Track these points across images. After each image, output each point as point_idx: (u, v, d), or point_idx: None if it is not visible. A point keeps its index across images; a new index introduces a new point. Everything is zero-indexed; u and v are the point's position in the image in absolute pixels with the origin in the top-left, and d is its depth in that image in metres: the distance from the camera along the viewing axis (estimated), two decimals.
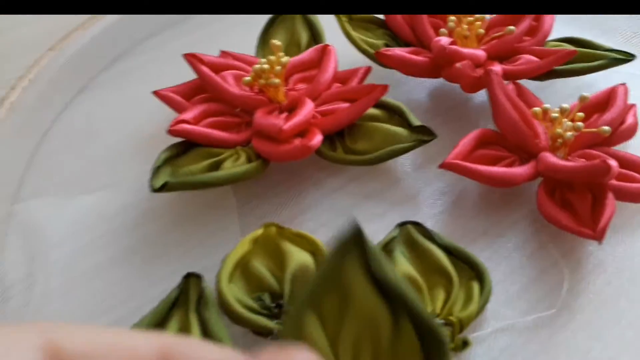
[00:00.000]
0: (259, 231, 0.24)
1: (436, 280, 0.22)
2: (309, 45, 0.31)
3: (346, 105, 0.28)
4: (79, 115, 0.32)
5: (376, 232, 0.26)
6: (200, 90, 0.29)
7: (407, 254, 0.24)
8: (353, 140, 0.27)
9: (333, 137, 0.27)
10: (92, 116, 0.32)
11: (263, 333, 0.21)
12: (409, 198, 0.27)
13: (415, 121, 0.27)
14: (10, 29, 0.38)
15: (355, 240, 0.16)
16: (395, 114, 0.28)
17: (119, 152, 0.30)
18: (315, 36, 0.31)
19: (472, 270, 0.23)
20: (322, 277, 0.16)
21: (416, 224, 0.24)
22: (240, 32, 0.36)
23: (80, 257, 0.26)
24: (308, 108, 0.27)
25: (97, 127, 0.31)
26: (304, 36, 0.31)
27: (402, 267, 0.23)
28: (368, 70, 0.30)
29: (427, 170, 0.28)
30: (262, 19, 0.35)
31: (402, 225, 0.24)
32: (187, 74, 0.33)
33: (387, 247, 0.24)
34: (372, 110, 0.28)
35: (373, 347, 0.15)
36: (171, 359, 0.14)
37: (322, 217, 0.27)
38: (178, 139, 0.27)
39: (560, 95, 0.32)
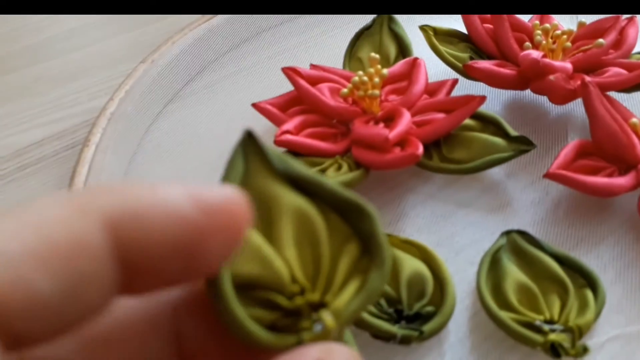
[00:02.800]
0: None
1: (549, 287, 0.23)
2: (397, 59, 0.32)
3: (441, 115, 0.28)
4: (171, 125, 0.33)
5: (473, 240, 0.26)
6: (296, 102, 0.30)
7: (515, 261, 0.24)
8: (449, 149, 0.28)
9: (429, 146, 0.28)
10: (183, 126, 0.33)
11: (383, 337, 0.22)
12: (503, 206, 0.28)
13: (512, 131, 0.27)
14: (95, 42, 0.40)
15: (249, 145, 0.14)
16: (490, 124, 0.28)
17: (214, 161, 0.31)
18: (403, 49, 0.32)
19: (584, 278, 0.23)
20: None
21: (522, 232, 0.25)
22: (321, 45, 0.37)
23: None
24: (407, 118, 0.27)
25: (189, 137, 0.32)
26: (392, 50, 0.32)
27: (513, 274, 0.23)
28: (455, 82, 0.31)
29: (520, 178, 0.29)
30: (342, 33, 0.36)
31: (507, 233, 0.25)
32: (272, 84, 0.34)
33: (495, 255, 0.24)
34: (467, 121, 0.28)
35: (313, 245, 0.13)
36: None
37: (418, 223, 0.27)
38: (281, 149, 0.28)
39: None
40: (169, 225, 0.11)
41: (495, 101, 0.33)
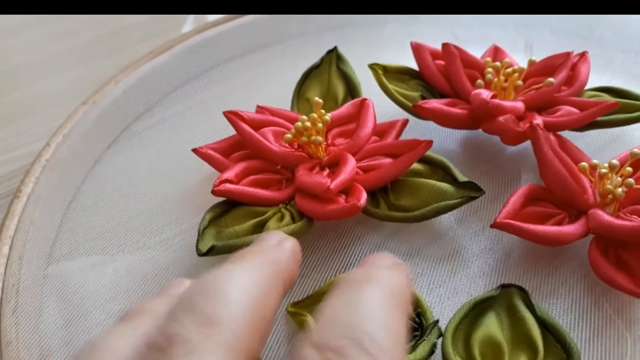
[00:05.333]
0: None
1: (520, 351, 0.22)
2: (345, 99, 0.31)
3: (388, 160, 0.27)
4: (110, 170, 0.31)
5: (420, 294, 0.25)
6: (239, 146, 0.29)
7: (502, 317, 0.23)
8: (397, 197, 0.27)
9: (376, 193, 0.27)
10: (123, 172, 0.31)
11: None
12: (453, 255, 0.27)
13: (461, 177, 0.26)
14: (39, 80, 0.38)
15: None
16: (438, 169, 0.27)
17: (153, 209, 0.29)
18: (351, 90, 0.31)
19: (564, 352, 0.22)
20: None
21: (520, 289, 0.23)
22: (270, 82, 0.36)
23: None
24: (351, 165, 0.26)
25: (129, 182, 0.31)
26: (340, 90, 0.31)
27: (489, 327, 0.22)
28: (405, 122, 0.30)
29: (470, 225, 0.28)
30: (293, 70, 0.35)
31: (505, 287, 0.23)
32: (220, 123, 0.33)
33: (483, 304, 0.23)
34: (415, 165, 0.27)
35: None
36: None
37: None
38: (220, 198, 0.26)
39: (596, 144, 0.31)
40: None
41: (450, 139, 0.32)
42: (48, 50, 0.41)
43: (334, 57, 0.33)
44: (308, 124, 0.27)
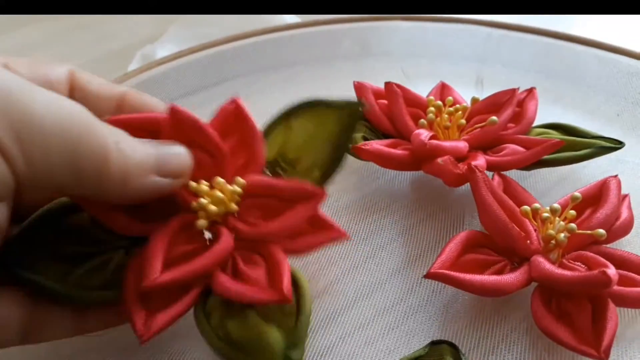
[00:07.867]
0: None
1: None
2: (313, 167, 0.24)
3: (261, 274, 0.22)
4: None
5: (355, 348, 0.23)
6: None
7: None
8: (229, 314, 0.21)
9: (217, 299, 0.21)
10: None
11: None
12: (389, 308, 0.25)
13: (301, 355, 0.21)
14: None
15: None
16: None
17: None
18: (330, 164, 0.26)
19: None
20: None
21: (452, 345, 0.22)
22: None
23: None
24: (209, 258, 0.21)
25: None
26: (323, 154, 0.24)
27: None
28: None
29: (409, 275, 0.26)
30: None
31: (435, 344, 0.22)
32: None
33: None
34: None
35: None
36: (127, 100, 0.23)
37: None
38: None
39: (546, 183, 0.30)
40: None
41: (397, 178, 0.31)
42: None
43: (355, 111, 0.24)
44: (221, 179, 0.22)
